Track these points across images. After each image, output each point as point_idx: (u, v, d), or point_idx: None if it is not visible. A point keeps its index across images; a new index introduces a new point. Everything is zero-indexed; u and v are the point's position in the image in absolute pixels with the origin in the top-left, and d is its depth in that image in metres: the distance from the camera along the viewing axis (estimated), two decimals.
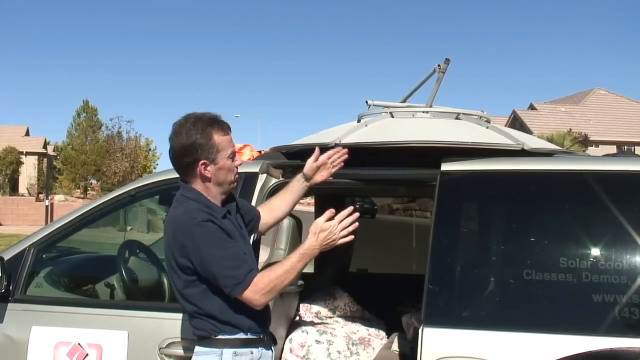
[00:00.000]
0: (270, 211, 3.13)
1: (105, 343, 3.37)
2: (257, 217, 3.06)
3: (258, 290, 2.60)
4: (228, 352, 2.67)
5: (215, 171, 2.74)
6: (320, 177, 3.13)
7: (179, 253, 2.66)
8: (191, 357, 2.79)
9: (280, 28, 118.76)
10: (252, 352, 2.71)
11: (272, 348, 2.88)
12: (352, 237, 2.74)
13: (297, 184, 3.15)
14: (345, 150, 3.13)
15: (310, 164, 3.09)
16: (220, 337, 2.69)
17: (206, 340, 2.71)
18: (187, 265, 2.65)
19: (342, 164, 3.14)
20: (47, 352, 3.41)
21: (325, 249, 2.71)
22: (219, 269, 2.60)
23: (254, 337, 2.73)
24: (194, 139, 2.70)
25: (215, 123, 2.74)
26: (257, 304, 2.63)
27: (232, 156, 2.77)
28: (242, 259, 2.64)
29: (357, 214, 2.74)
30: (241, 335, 2.69)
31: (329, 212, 2.71)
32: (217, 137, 2.72)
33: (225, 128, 2.76)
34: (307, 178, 3.11)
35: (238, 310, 2.68)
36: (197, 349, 2.74)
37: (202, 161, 2.72)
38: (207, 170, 2.73)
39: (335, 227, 2.68)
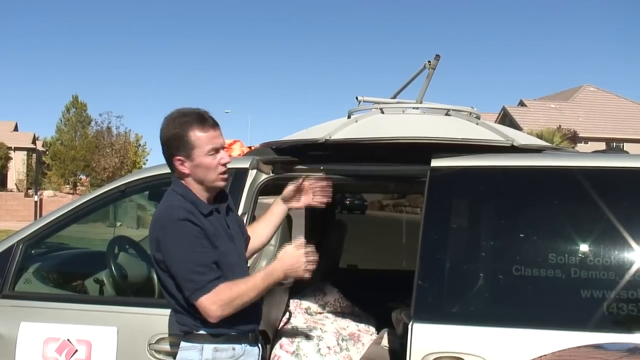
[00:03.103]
0: (253, 235, 3.06)
1: (94, 339, 3.36)
2: (247, 239, 3.00)
3: (217, 300, 2.57)
4: (208, 348, 2.66)
5: (192, 168, 2.70)
6: (296, 202, 3.13)
7: (154, 247, 2.66)
8: None
9: (271, 24, 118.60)
10: (234, 349, 2.70)
11: (259, 345, 2.86)
12: (308, 275, 2.73)
13: (277, 207, 3.14)
14: (330, 183, 3.11)
15: (289, 188, 3.09)
16: (201, 332, 2.68)
17: (189, 335, 2.71)
18: (162, 260, 2.65)
19: (323, 195, 3.11)
20: (36, 348, 3.40)
21: (288, 276, 2.72)
22: (183, 271, 2.59)
23: (236, 333, 2.70)
24: (172, 133, 2.69)
25: (195, 119, 2.69)
26: (212, 315, 2.59)
27: (214, 153, 2.70)
28: (210, 266, 2.61)
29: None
30: (222, 331, 2.67)
31: (300, 241, 2.73)
32: (194, 134, 2.67)
33: (206, 124, 2.69)
34: (285, 201, 3.12)
35: None
36: (182, 344, 2.74)
37: (177, 157, 2.70)
38: (184, 166, 2.71)
39: (301, 257, 2.68)
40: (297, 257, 2.68)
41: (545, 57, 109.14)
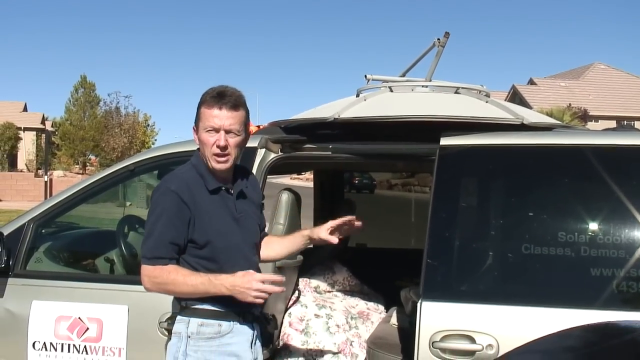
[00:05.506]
0: (265, 245, 3.00)
1: (105, 317, 3.40)
2: (262, 235, 2.98)
3: (152, 276, 2.62)
4: (194, 322, 2.67)
5: (198, 140, 2.77)
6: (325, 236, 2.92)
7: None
8: None
9: (280, 1, 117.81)
10: (220, 325, 2.67)
11: (255, 325, 2.80)
12: (258, 302, 2.60)
13: (301, 239, 2.99)
14: (360, 224, 2.98)
15: (322, 235, 2.90)
16: (191, 306, 2.69)
17: (182, 308, 2.72)
18: None
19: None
20: (48, 326, 3.43)
21: (232, 294, 2.57)
22: (146, 233, 2.68)
23: (224, 310, 2.67)
24: (198, 103, 2.77)
25: (212, 95, 2.71)
26: (143, 284, 2.68)
27: (212, 131, 2.68)
28: (166, 245, 2.63)
29: (279, 289, 2.62)
30: (207, 306, 2.66)
31: (269, 276, 2.64)
32: (202, 107, 2.72)
33: (216, 102, 2.68)
34: (313, 239, 2.95)
35: None
36: (177, 317, 2.75)
37: (193, 126, 2.79)
38: (195, 137, 2.79)
39: (252, 290, 2.54)
40: (250, 281, 2.55)
41: (555, 35, 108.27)
